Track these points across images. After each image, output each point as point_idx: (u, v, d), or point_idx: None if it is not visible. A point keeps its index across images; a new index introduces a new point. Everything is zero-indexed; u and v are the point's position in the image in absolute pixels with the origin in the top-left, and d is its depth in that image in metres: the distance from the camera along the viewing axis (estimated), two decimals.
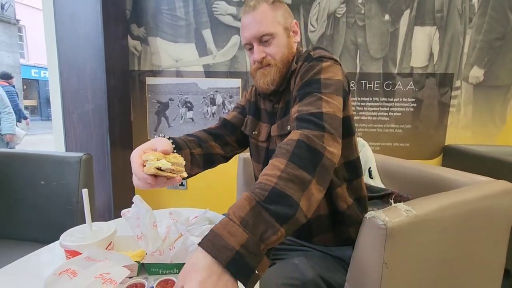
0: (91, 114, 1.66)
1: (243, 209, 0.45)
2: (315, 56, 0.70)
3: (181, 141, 0.76)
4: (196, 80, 1.83)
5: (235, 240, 0.42)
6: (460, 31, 1.66)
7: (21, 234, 1.08)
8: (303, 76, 0.67)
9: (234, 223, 0.44)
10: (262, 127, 0.83)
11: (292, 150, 0.53)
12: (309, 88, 0.64)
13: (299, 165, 0.51)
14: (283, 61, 0.74)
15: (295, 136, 0.55)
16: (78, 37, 1.63)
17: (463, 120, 1.72)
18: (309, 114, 0.59)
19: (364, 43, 1.69)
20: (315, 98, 0.61)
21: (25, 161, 1.10)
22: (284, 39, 0.75)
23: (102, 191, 1.70)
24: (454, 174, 0.94)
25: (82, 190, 0.50)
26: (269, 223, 0.45)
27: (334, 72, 0.66)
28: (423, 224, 0.60)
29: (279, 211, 0.46)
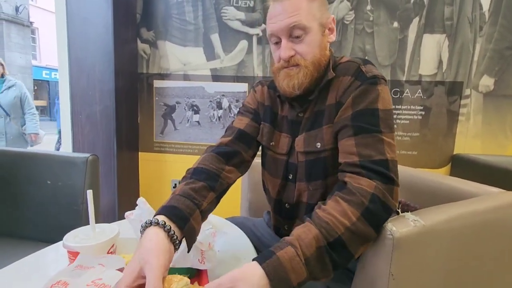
0: (98, 115, 1.68)
1: (310, 248, 0.48)
2: (368, 74, 0.61)
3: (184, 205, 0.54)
4: (203, 84, 1.84)
5: (296, 278, 0.46)
6: (470, 39, 1.64)
7: (26, 233, 1.09)
8: (356, 101, 0.60)
9: (300, 261, 0.46)
10: (280, 138, 0.73)
11: (367, 205, 0.51)
12: (366, 121, 0.58)
13: (370, 223, 0.51)
14: (314, 63, 0.64)
15: (369, 187, 0.52)
16: (89, 40, 1.66)
17: (473, 129, 1.69)
18: (374, 162, 0.55)
19: (372, 50, 1.68)
20: (376, 140, 0.56)
21: (32, 160, 1.12)
22: (318, 37, 0.64)
23: (107, 192, 1.71)
24: (463, 184, 0.92)
25: (87, 191, 0.50)
26: (326, 268, 0.49)
27: (388, 100, 0.60)
28: (431, 235, 0.58)
29: (337, 260, 0.49)
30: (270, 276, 0.44)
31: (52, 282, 0.35)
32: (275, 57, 0.68)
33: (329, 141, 0.64)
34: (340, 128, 0.61)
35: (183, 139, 1.89)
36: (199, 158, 0.68)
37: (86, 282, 0.35)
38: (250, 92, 0.83)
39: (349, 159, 0.57)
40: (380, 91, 0.60)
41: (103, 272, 0.36)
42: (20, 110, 2.53)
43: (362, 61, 0.64)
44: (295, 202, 0.70)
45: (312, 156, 0.66)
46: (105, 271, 0.37)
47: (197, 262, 0.53)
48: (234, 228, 0.82)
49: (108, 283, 0.34)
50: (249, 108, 0.79)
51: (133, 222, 0.56)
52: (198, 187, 0.58)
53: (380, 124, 0.57)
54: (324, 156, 0.65)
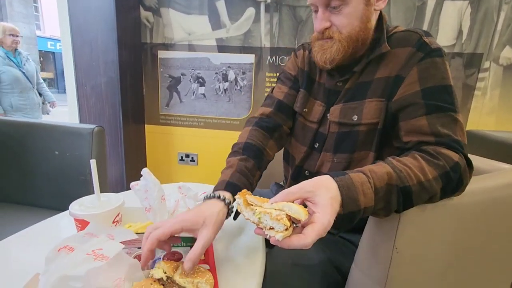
0: (103, 86, 1.66)
1: (381, 180, 0.48)
2: (433, 46, 0.57)
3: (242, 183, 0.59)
4: (209, 55, 1.78)
5: (364, 201, 0.46)
6: (494, 6, 1.52)
7: (36, 201, 1.13)
8: (424, 75, 0.56)
9: (371, 187, 0.47)
10: (314, 105, 0.71)
11: (448, 170, 0.51)
12: (440, 99, 0.55)
13: (443, 185, 0.51)
14: (351, 37, 0.60)
15: (454, 156, 0.52)
16: (90, 8, 1.60)
17: (488, 105, 1.62)
18: (455, 141, 0.53)
19: (388, 17, 1.58)
20: (451, 120, 0.54)
21: (40, 131, 1.12)
22: (359, 8, 0.58)
23: (114, 163, 1.74)
24: (474, 160, 0.89)
25: (90, 160, 0.50)
26: (389, 207, 0.49)
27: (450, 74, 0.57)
28: (438, 210, 0.57)
29: (400, 203, 0.49)
30: (342, 191, 0.45)
31: (60, 246, 0.36)
32: (314, 26, 0.64)
33: (368, 115, 0.61)
34: (406, 105, 0.57)
35: (189, 112, 1.88)
36: (244, 130, 0.71)
37: (87, 251, 0.35)
38: (291, 56, 0.80)
39: (421, 138, 0.54)
40: (447, 66, 0.56)
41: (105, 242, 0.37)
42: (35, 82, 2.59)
43: (424, 32, 0.59)
44: (315, 172, 0.70)
45: (345, 128, 0.64)
46: (107, 241, 0.37)
47: None
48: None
49: (107, 254, 0.35)
50: (289, 75, 0.77)
51: (138, 192, 0.56)
52: (250, 166, 0.62)
53: (454, 101, 0.55)
54: (358, 130, 0.62)
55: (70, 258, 0.35)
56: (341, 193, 0.45)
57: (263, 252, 0.57)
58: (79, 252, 0.36)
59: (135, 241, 0.51)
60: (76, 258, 0.35)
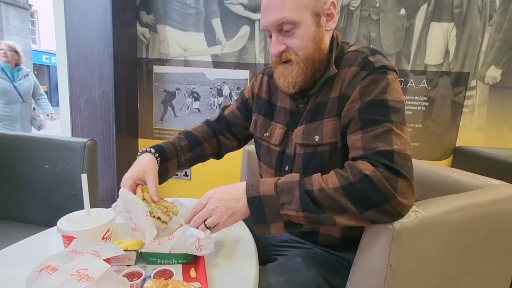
0: (97, 100, 1.66)
1: (286, 178, 0.56)
2: (376, 64, 0.58)
3: (170, 150, 0.75)
4: (204, 70, 1.80)
5: (263, 188, 0.55)
6: (479, 28, 1.59)
7: (25, 217, 1.09)
8: (364, 92, 0.57)
9: (273, 180, 0.56)
10: (275, 128, 0.73)
11: (351, 181, 0.51)
12: (375, 112, 0.55)
13: (349, 196, 0.51)
14: (307, 59, 0.61)
15: (367, 169, 0.51)
16: (87, 23, 1.62)
17: (476, 122, 1.67)
18: (377, 152, 0.52)
19: (377, 37, 1.64)
20: (384, 130, 0.53)
21: (31, 144, 1.11)
22: (311, 29, 0.60)
23: (106, 177, 1.71)
24: (464, 176, 0.91)
25: (81, 175, 0.49)
26: (295, 201, 0.53)
27: (399, 91, 0.57)
28: (431, 226, 0.57)
29: (306, 201, 0.52)
30: (247, 183, 0.56)
31: (42, 266, 0.34)
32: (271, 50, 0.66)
33: (328, 135, 0.62)
34: (348, 122, 0.58)
35: (183, 126, 1.87)
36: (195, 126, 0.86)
37: (71, 271, 0.33)
38: (253, 78, 0.85)
39: (354, 154, 0.56)
40: (390, 81, 0.56)
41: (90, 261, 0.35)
42: (31, 97, 2.69)
43: (370, 51, 0.61)
44: None
45: (309, 149, 0.65)
46: (92, 260, 0.35)
47: (193, 249, 0.53)
48: None
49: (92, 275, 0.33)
50: (242, 96, 0.85)
51: (120, 214, 0.56)
52: (183, 144, 0.78)
53: (391, 114, 0.54)
54: (322, 150, 0.63)
55: (52, 279, 0.33)
56: (246, 183, 0.56)
57: (256, 269, 0.56)
58: (62, 273, 0.34)
59: (123, 258, 0.50)
60: (59, 279, 0.33)
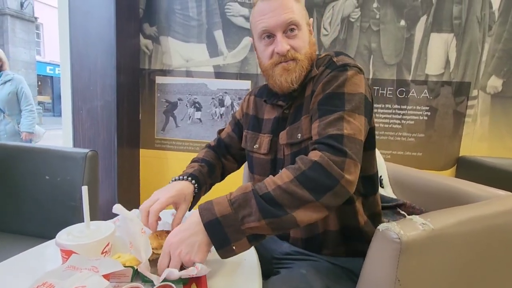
0: (100, 110, 1.66)
1: (238, 191, 0.54)
2: (338, 63, 0.64)
3: (202, 178, 0.76)
4: (206, 81, 1.82)
5: (218, 209, 0.52)
6: (478, 39, 1.60)
7: (24, 229, 1.08)
8: (325, 87, 0.62)
9: (226, 198, 0.54)
10: (263, 139, 0.76)
11: (304, 170, 0.53)
12: (331, 103, 0.60)
13: (304, 185, 0.52)
14: (308, 59, 0.68)
15: (314, 156, 0.54)
16: (91, 34, 1.64)
17: (479, 131, 1.66)
18: (329, 136, 0.56)
19: (378, 48, 1.65)
20: (337, 117, 0.58)
21: (31, 155, 1.10)
22: (307, 34, 0.68)
23: (107, 188, 1.70)
24: (470, 186, 0.90)
25: (82, 187, 0.48)
26: (253, 211, 0.51)
27: (358, 84, 0.61)
28: (439, 239, 0.56)
29: (265, 207, 0.51)
30: (199, 208, 0.54)
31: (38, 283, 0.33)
32: (266, 53, 0.68)
33: (307, 130, 0.65)
34: (312, 113, 0.63)
35: (185, 136, 1.87)
36: (201, 151, 0.88)
37: None
38: (241, 101, 0.91)
39: (313, 139, 0.59)
40: (349, 76, 0.61)
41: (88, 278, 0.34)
42: (17, 106, 2.35)
43: (335, 53, 0.68)
44: None
45: (295, 148, 0.67)
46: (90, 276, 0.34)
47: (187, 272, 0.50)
48: None
49: None
50: (235, 118, 0.88)
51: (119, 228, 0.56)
52: (205, 171, 0.79)
53: (346, 104, 0.59)
54: (305, 146, 0.65)
55: None
56: (199, 209, 0.54)
57: (259, 283, 0.54)
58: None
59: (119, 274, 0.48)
60: None
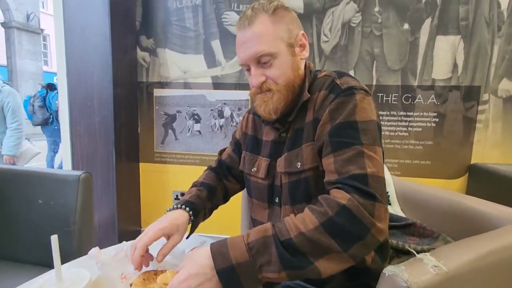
0: (97, 126, 1.64)
1: (256, 234, 0.48)
2: (343, 86, 0.58)
3: (198, 204, 0.72)
4: (204, 92, 1.78)
5: (234, 254, 0.46)
6: (487, 40, 1.53)
7: (16, 255, 1.04)
8: (333, 115, 0.57)
9: (243, 241, 0.47)
10: (261, 162, 0.71)
11: (330, 216, 0.47)
12: (345, 134, 0.54)
13: (331, 234, 0.46)
14: (288, 86, 0.63)
15: (342, 198, 0.48)
16: (87, 49, 1.62)
17: (492, 138, 1.58)
18: (352, 177, 0.50)
19: (381, 53, 1.59)
20: (356, 153, 0.52)
21: (23, 178, 1.07)
22: (287, 59, 0.63)
23: (106, 205, 1.67)
24: (485, 206, 0.83)
25: (51, 237, 0.43)
26: (273, 260, 0.46)
27: (369, 110, 0.56)
28: (455, 282, 0.49)
29: (286, 257, 0.45)
30: (212, 250, 0.47)
31: None
32: (250, 83, 0.67)
33: (308, 160, 0.61)
34: (321, 145, 0.58)
35: (184, 149, 1.83)
36: (203, 173, 0.84)
37: None
38: (241, 119, 0.86)
39: (329, 178, 0.54)
40: (358, 101, 0.56)
41: None
42: (3, 123, 2.05)
43: (337, 74, 0.63)
44: None
45: (294, 177, 0.63)
46: None
47: None
48: None
49: None
50: (234, 138, 0.85)
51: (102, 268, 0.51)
52: (204, 195, 0.75)
53: (361, 136, 0.54)
54: (305, 177, 0.61)
55: None
56: (211, 252, 0.47)
57: None
58: None
59: None
60: None
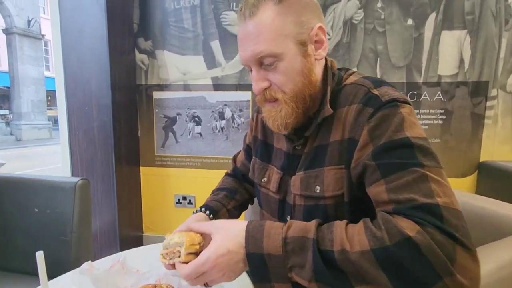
0: (96, 131, 1.61)
1: (298, 230, 0.42)
2: (384, 98, 0.47)
3: (215, 204, 0.70)
4: (204, 94, 1.74)
5: (267, 244, 0.42)
6: (495, 34, 1.48)
7: (11, 265, 1.01)
8: (375, 133, 0.46)
9: (280, 233, 0.42)
10: (272, 173, 0.63)
11: (387, 245, 0.37)
12: (396, 155, 0.43)
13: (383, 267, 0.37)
14: (296, 96, 0.51)
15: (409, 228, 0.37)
16: (84, 53, 1.59)
17: (501, 134, 1.53)
18: (419, 207, 0.39)
19: (384, 50, 1.55)
20: (417, 176, 0.41)
21: (19, 186, 1.04)
22: (297, 62, 0.50)
23: (107, 210, 1.64)
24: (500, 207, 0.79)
25: (36, 253, 0.40)
26: (306, 265, 0.40)
27: (418, 125, 0.46)
28: None
29: (322, 269, 0.39)
30: (247, 231, 0.43)
31: None
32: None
33: (330, 186, 0.51)
34: (361, 172, 0.47)
35: (185, 152, 1.80)
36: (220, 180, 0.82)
37: None
38: (250, 119, 0.77)
39: (382, 208, 0.43)
40: (405, 115, 0.45)
41: None
42: None
43: (372, 83, 0.50)
44: None
45: (311, 201, 0.54)
46: None
47: None
48: None
49: None
50: (245, 142, 0.79)
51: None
52: (222, 195, 0.73)
53: (417, 155, 0.42)
54: (324, 204, 0.52)
55: None
56: (246, 231, 0.43)
57: None
58: None
59: None
60: None
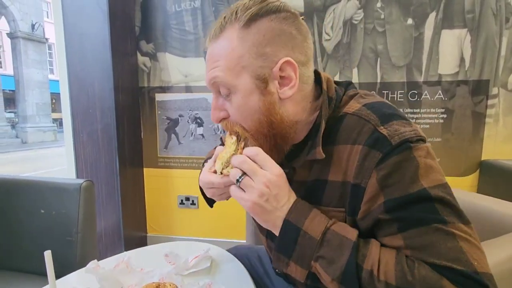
0: (100, 133, 1.63)
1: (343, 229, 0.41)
2: (393, 140, 0.40)
3: None
4: (206, 95, 1.76)
5: (309, 224, 0.41)
6: (495, 32, 1.48)
7: (19, 266, 1.04)
8: (386, 184, 0.39)
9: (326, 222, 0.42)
10: None
11: None
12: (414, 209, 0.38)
13: None
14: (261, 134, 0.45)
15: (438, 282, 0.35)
16: (87, 56, 1.62)
17: (503, 132, 1.52)
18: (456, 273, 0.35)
19: (385, 50, 1.55)
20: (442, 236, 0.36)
21: (25, 188, 1.06)
22: (253, 98, 0.43)
23: (111, 212, 1.66)
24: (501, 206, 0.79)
25: (44, 252, 0.42)
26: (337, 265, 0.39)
27: (437, 168, 0.40)
28: None
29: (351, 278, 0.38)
30: (295, 203, 0.43)
31: None
32: None
33: None
34: (374, 224, 0.42)
35: (188, 153, 1.82)
36: None
37: None
38: None
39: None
40: (420, 160, 0.39)
41: None
42: None
43: (379, 118, 0.42)
44: None
45: None
46: None
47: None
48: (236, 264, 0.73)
49: None
50: None
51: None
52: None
53: (439, 210, 0.37)
54: None
55: None
56: (294, 202, 0.43)
57: None
58: None
59: None
60: None
